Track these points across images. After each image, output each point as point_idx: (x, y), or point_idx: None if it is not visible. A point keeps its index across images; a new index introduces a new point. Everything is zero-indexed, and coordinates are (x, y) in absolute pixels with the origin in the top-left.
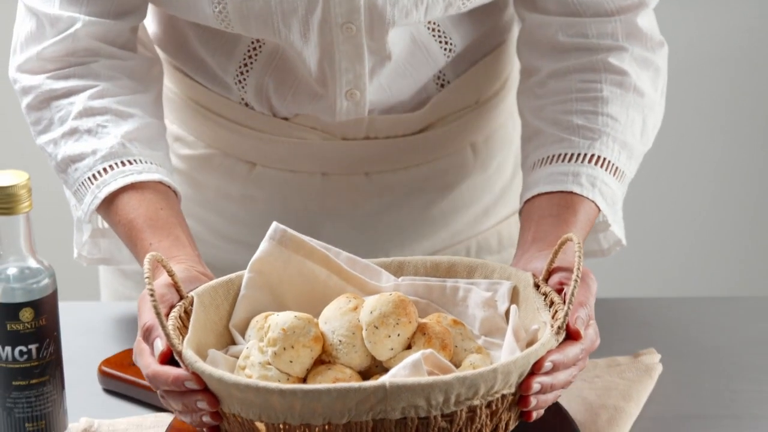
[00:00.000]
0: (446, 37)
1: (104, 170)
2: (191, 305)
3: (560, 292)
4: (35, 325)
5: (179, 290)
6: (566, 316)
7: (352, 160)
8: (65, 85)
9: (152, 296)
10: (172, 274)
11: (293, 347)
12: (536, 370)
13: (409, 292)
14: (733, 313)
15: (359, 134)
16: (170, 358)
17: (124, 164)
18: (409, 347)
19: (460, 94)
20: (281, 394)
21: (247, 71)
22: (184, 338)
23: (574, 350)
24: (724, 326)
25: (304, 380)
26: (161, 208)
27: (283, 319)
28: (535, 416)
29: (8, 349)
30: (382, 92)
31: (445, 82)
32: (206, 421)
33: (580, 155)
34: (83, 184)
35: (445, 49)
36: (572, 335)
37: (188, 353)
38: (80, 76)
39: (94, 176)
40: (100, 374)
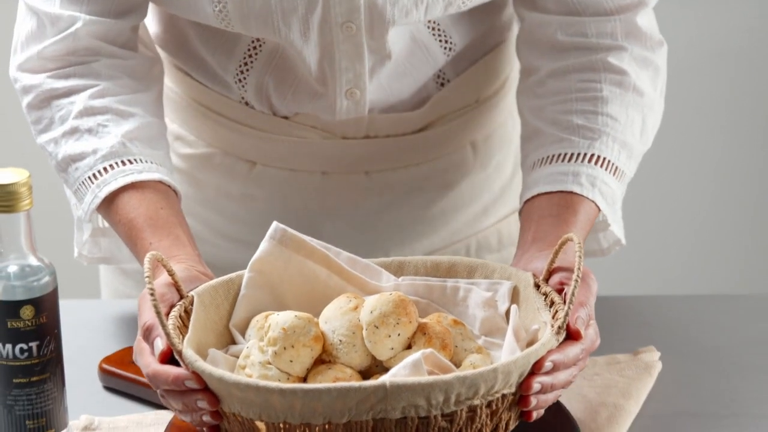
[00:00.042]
0: (446, 36)
1: (104, 169)
2: (191, 305)
3: (561, 292)
4: (36, 322)
5: (179, 290)
6: (566, 316)
7: (352, 158)
8: (66, 84)
9: (152, 295)
10: (172, 273)
11: (293, 347)
12: (536, 369)
13: (409, 291)
14: (732, 311)
15: (359, 133)
16: (170, 357)
17: (124, 163)
18: (409, 347)
19: (459, 93)
20: (281, 393)
21: (247, 70)
22: (184, 338)
23: (574, 350)
24: (723, 324)
25: (304, 380)
26: (161, 207)
27: (283, 318)
28: (535, 416)
29: (9, 346)
30: (382, 91)
31: (444, 81)
32: (206, 420)
33: (579, 155)
34: (83, 183)
35: (444, 48)
36: (572, 335)
37: (188, 352)
38: (81, 75)
39: (94, 175)
40: (100, 372)
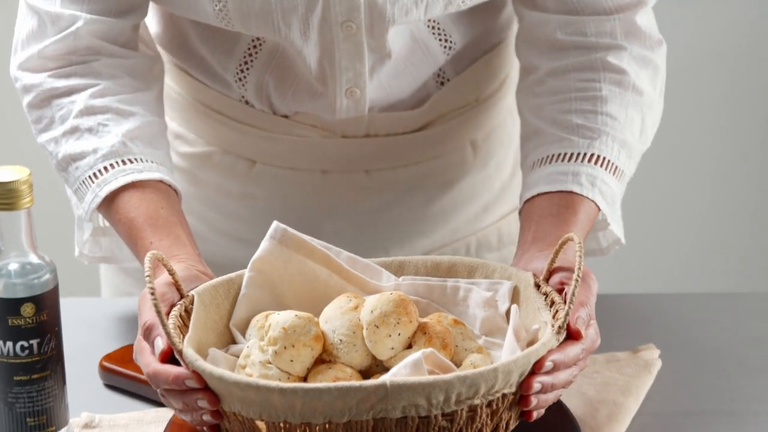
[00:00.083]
0: (446, 35)
1: (105, 169)
2: (192, 304)
3: (561, 292)
4: (36, 320)
5: (180, 289)
6: (567, 315)
7: (352, 157)
8: (66, 83)
9: (153, 295)
10: (172, 272)
11: (294, 346)
12: (537, 369)
13: (409, 291)
14: (732, 309)
15: (359, 132)
16: (171, 356)
17: (124, 163)
18: (409, 346)
19: (459, 91)
20: (282, 392)
21: (247, 69)
22: (184, 337)
23: (574, 350)
24: (723, 322)
25: (304, 379)
26: (162, 207)
27: (283, 318)
28: (535, 416)
29: (9, 344)
30: (382, 90)
31: (444, 79)
32: (206, 419)
33: (579, 155)
34: (84, 182)
35: (444, 47)
36: (573, 335)
37: (189, 352)
38: (81, 74)
39: (94, 175)
40: (101, 369)
